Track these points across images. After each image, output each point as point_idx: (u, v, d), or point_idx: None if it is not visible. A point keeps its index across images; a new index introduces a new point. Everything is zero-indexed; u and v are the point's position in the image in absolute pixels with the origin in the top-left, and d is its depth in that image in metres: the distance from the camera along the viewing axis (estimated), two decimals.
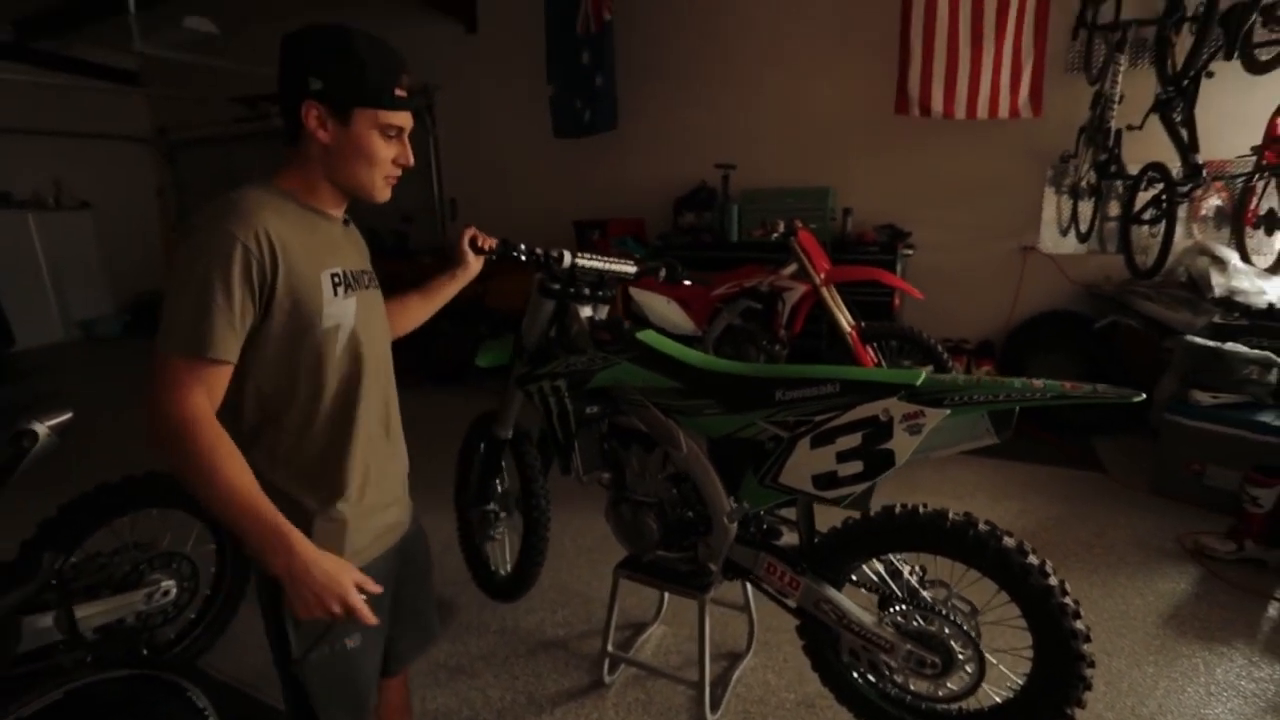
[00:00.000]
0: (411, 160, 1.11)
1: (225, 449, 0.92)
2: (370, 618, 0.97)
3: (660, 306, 3.67)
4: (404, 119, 1.06)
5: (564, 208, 5.48)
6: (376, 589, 1.00)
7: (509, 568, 2.29)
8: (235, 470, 0.92)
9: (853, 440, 1.38)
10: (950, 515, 1.42)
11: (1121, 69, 3.60)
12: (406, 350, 5.47)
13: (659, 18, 4.93)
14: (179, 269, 0.94)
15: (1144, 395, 1.22)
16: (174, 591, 1.89)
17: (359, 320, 1.09)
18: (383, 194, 1.10)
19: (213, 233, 0.93)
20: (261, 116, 7.12)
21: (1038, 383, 1.29)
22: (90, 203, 7.24)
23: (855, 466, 1.38)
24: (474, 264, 1.55)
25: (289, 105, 1.00)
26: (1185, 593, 2.35)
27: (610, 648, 1.92)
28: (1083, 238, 4.09)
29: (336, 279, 1.06)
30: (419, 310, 1.50)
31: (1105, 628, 2.16)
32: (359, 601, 0.95)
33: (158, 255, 8.37)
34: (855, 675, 1.60)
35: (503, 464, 2.18)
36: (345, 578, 0.95)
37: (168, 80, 7.06)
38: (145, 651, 1.69)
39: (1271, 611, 2.23)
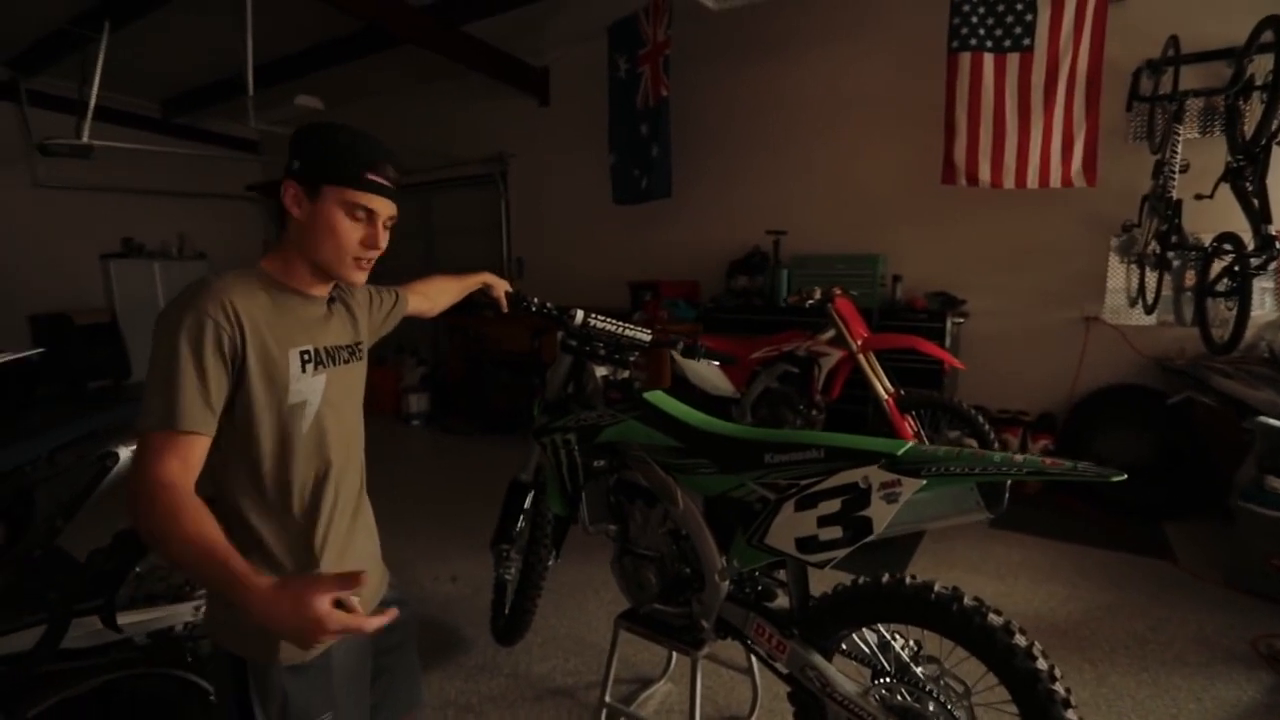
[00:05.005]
0: (381, 244, 1.12)
1: (193, 514, 0.90)
2: (364, 621, 0.87)
3: (701, 368, 3.74)
4: (375, 202, 1.09)
5: (622, 269, 5.72)
6: (353, 601, 0.88)
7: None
8: (198, 522, 0.90)
9: (833, 505, 1.40)
10: (936, 587, 1.41)
11: (1180, 139, 3.51)
12: (463, 400, 5.80)
13: (714, 94, 5.20)
14: (155, 350, 1.00)
15: (1124, 475, 1.20)
16: None
17: (327, 397, 1.13)
18: (353, 275, 1.12)
19: (184, 311, 0.99)
20: None
21: (1018, 458, 1.29)
22: (206, 253, 8.12)
23: (835, 531, 1.40)
24: (501, 298, 1.85)
25: (278, 188, 1.09)
26: (1253, 702, 2.14)
27: (609, 699, 1.95)
28: (1150, 309, 3.91)
29: (306, 356, 1.10)
30: (446, 299, 1.73)
31: None
32: (338, 619, 0.84)
33: None
34: None
35: (525, 509, 2.28)
36: (311, 606, 0.83)
37: (282, 147, 7.96)
38: (189, 659, 1.85)
39: None
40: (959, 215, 4.36)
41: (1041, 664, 1.30)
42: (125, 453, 1.89)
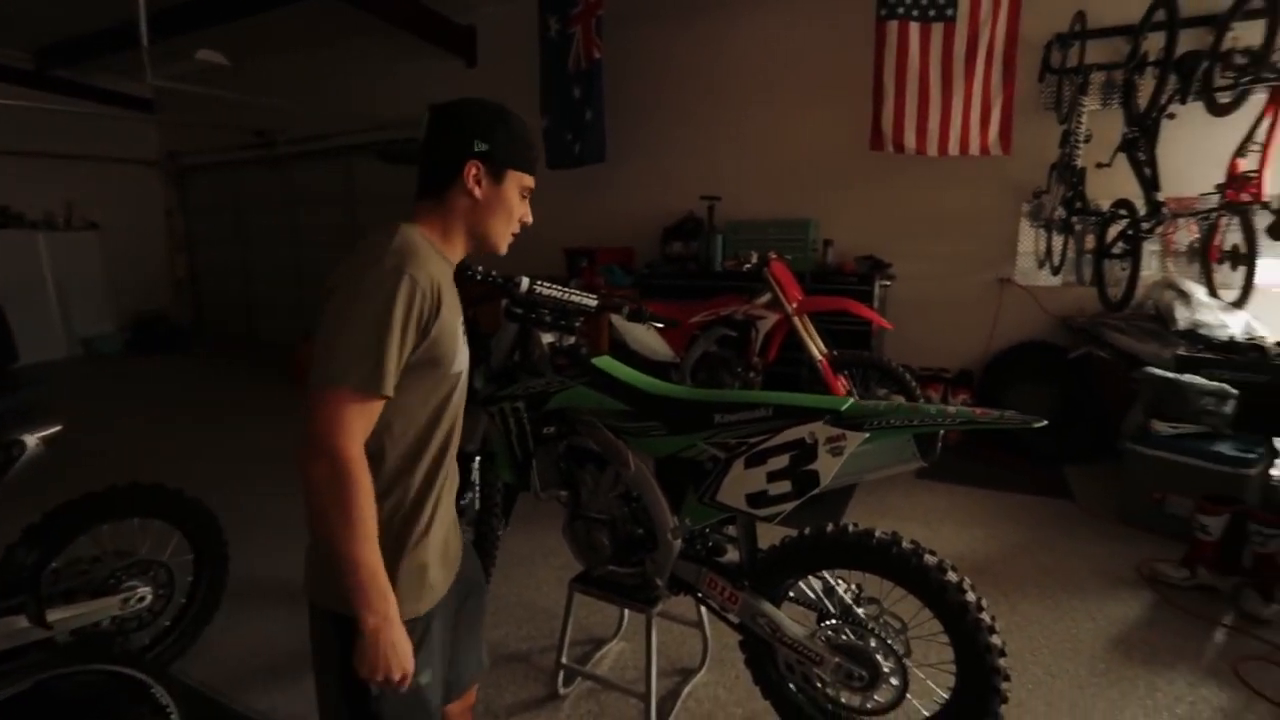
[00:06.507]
0: (531, 219, 1.24)
1: (369, 498, 0.97)
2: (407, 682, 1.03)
3: (640, 333, 3.77)
4: (533, 184, 1.22)
5: (557, 236, 5.61)
6: (423, 681, 1.08)
7: None
8: (372, 522, 0.98)
9: (782, 461, 1.47)
10: (876, 534, 1.51)
11: (1085, 110, 3.75)
12: None
13: (647, 57, 5.13)
14: (358, 303, 0.97)
15: (1045, 421, 1.31)
16: (149, 598, 1.97)
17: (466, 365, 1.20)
18: (505, 247, 1.22)
19: (394, 272, 0.98)
20: (267, 144, 7.36)
21: (951, 409, 1.39)
22: (99, 223, 7.45)
23: (784, 486, 1.47)
24: None
25: (450, 162, 1.11)
26: (1137, 618, 2.41)
27: (566, 660, 1.99)
28: (1055, 270, 4.21)
29: (463, 327, 1.16)
30: None
31: (1054, 650, 2.21)
32: (409, 680, 1.03)
33: (162, 275, 8.58)
34: (792, 687, 1.67)
35: (472, 480, 2.26)
36: (410, 654, 1.02)
37: (180, 107, 7.32)
38: (118, 652, 1.76)
39: (1218, 636, 2.28)
40: (886, 181, 4.52)
41: (970, 596, 1.42)
42: (33, 441, 1.76)
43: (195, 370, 7.15)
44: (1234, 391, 2.97)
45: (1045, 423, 1.30)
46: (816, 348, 3.40)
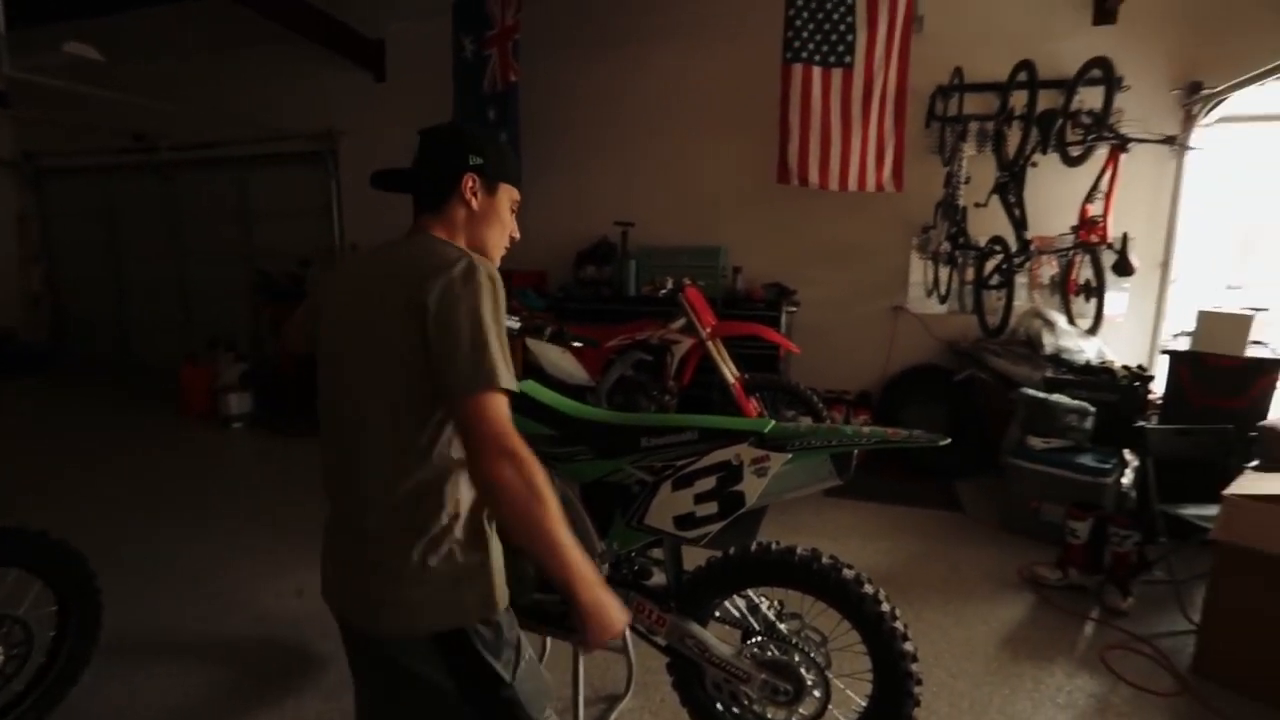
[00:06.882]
0: (519, 234, 1.31)
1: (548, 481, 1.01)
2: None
3: (555, 356, 3.75)
4: (519, 198, 1.29)
5: None
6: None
7: None
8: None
9: (709, 483, 1.51)
10: (798, 551, 1.57)
11: (965, 155, 4.14)
12: (296, 397, 5.23)
13: (563, 82, 5.19)
14: (478, 304, 1.02)
15: (950, 439, 1.43)
16: None
17: None
18: (500, 257, 1.27)
19: (489, 277, 1.06)
20: (149, 150, 6.79)
21: (865, 430, 1.48)
22: None
23: (711, 507, 1.51)
24: None
25: (449, 175, 1.18)
26: (1021, 618, 2.63)
27: None
28: (942, 299, 4.58)
29: None
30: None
31: (954, 654, 2.37)
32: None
33: (12, 287, 7.64)
34: (719, 707, 1.69)
35: None
36: (621, 611, 1.08)
37: (42, 103, 6.61)
38: None
39: (1088, 630, 2.53)
40: (791, 212, 4.77)
41: (885, 606, 1.50)
42: None
43: (55, 396, 6.40)
44: (1092, 409, 3.33)
45: (949, 440, 1.42)
46: (729, 371, 3.51)
